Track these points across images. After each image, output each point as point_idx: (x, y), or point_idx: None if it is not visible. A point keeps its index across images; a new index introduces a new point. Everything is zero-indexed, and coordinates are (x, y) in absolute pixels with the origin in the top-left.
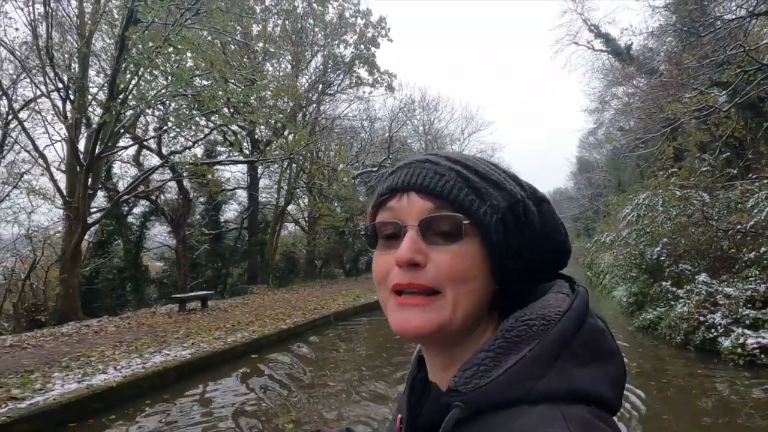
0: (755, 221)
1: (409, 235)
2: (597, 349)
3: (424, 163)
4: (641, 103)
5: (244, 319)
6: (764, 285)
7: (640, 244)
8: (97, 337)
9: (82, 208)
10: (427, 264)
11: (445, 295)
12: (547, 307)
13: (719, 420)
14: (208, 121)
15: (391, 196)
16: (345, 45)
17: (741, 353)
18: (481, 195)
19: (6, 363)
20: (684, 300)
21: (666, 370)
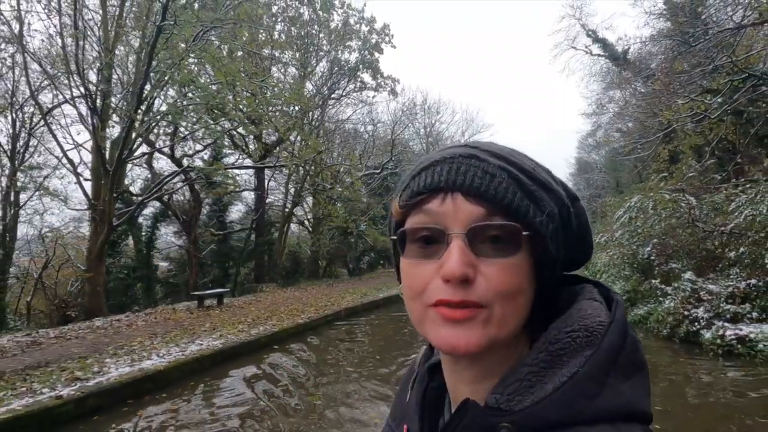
0: (735, 223)
1: (458, 245)
2: (636, 361)
3: (469, 159)
4: (637, 107)
5: (262, 315)
6: (744, 282)
7: (633, 244)
8: (131, 330)
9: (108, 211)
10: (476, 278)
11: (492, 309)
12: (587, 317)
13: (702, 401)
14: (217, 125)
15: (430, 197)
16: (349, 51)
17: (720, 344)
18: (536, 201)
19: (59, 351)
20: (671, 296)
21: (653, 359)
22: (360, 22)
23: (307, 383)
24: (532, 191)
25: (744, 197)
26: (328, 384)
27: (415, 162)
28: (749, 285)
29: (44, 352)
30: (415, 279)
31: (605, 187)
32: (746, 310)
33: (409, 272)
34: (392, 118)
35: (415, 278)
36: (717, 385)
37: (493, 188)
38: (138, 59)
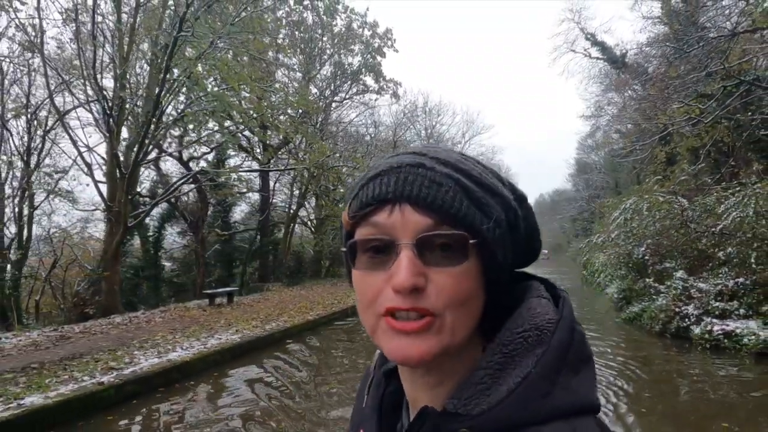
0: (724, 225)
1: (407, 255)
2: (583, 355)
3: (416, 168)
4: (634, 110)
5: (273, 312)
6: (733, 281)
7: (628, 244)
8: (150, 325)
9: (124, 212)
10: (427, 286)
11: (444, 317)
12: (536, 315)
13: (690, 390)
14: (226, 129)
15: (378, 208)
16: (352, 54)
17: (708, 338)
18: (483, 208)
19: (88, 344)
20: (664, 294)
21: (646, 353)
22: (363, 26)
23: (320, 372)
24: (479, 198)
25: (732, 200)
26: (342, 372)
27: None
28: (737, 283)
29: (74, 345)
30: (366, 290)
31: (604, 188)
32: (734, 307)
33: (360, 283)
34: (394, 120)
35: (366, 289)
36: (705, 377)
37: (440, 198)
38: (151, 64)
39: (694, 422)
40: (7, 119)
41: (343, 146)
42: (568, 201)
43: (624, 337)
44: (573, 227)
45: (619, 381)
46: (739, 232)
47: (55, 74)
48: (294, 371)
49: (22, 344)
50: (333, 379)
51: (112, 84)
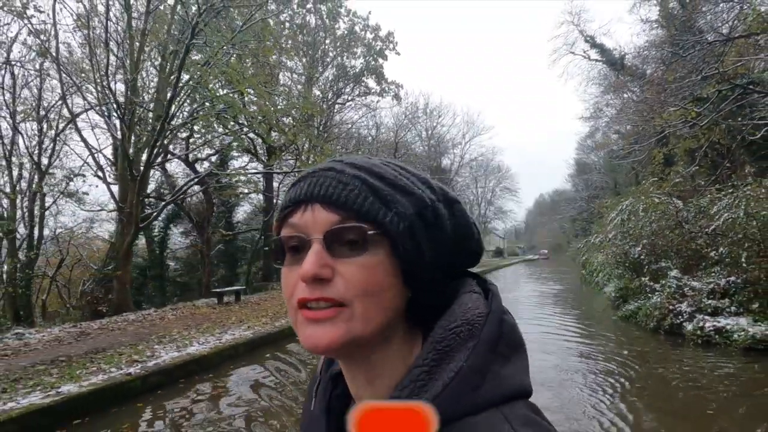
0: (716, 225)
1: (314, 248)
2: (514, 343)
3: (327, 172)
4: (632, 113)
5: (280, 310)
6: (725, 280)
7: (626, 244)
8: (164, 322)
9: (135, 213)
10: (335, 277)
11: (353, 306)
12: (468, 311)
13: (682, 384)
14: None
15: (294, 209)
16: (354, 57)
17: (700, 335)
18: (387, 203)
19: (108, 340)
20: (659, 293)
21: (641, 349)
22: (365, 29)
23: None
24: (385, 195)
25: (725, 202)
26: None
27: None
28: (729, 282)
29: (95, 340)
30: (286, 284)
31: (604, 188)
32: (725, 305)
33: (283, 279)
34: (395, 122)
35: (286, 283)
36: (697, 371)
37: (345, 195)
38: (160, 68)
39: (685, 410)
40: (18, 122)
41: (344, 148)
42: (567, 201)
43: (620, 334)
44: (573, 227)
45: (615, 374)
46: (731, 233)
47: (66, 78)
48: (312, 362)
49: (46, 339)
50: None
51: (122, 87)
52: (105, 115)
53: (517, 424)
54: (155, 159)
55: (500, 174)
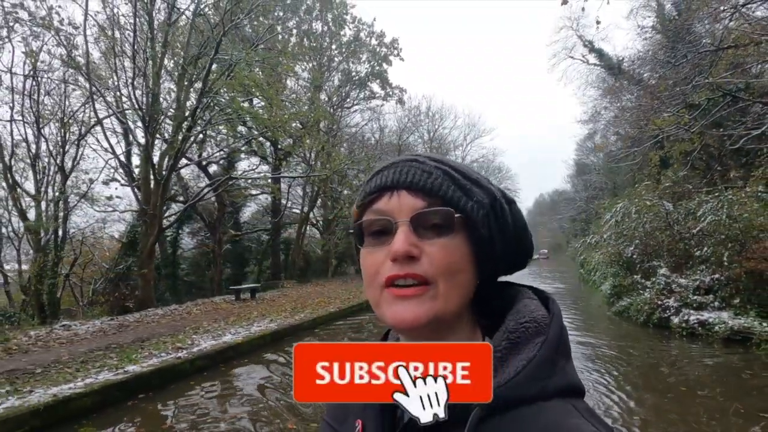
0: (701, 227)
1: (403, 229)
2: (568, 348)
3: (411, 162)
4: (629, 117)
5: (297, 306)
6: (709, 277)
7: (620, 244)
8: (192, 317)
9: (159, 215)
10: (421, 256)
11: (437, 285)
12: (533, 311)
13: (669, 370)
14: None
15: (380, 195)
16: (360, 62)
17: (685, 327)
18: (467, 192)
19: (148, 330)
20: (649, 289)
21: (632, 340)
22: (370, 36)
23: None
24: (464, 185)
25: (709, 205)
26: None
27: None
28: (713, 279)
29: (136, 331)
30: (369, 264)
31: (602, 189)
32: (709, 300)
33: (365, 260)
34: (399, 125)
35: (369, 264)
36: (681, 359)
37: (430, 183)
38: (180, 78)
39: (671, 392)
40: (42, 126)
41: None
42: (567, 201)
43: (613, 328)
44: (572, 227)
45: (610, 363)
46: (715, 234)
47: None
48: None
49: (91, 330)
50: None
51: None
52: (127, 122)
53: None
54: (176, 163)
55: (501, 174)
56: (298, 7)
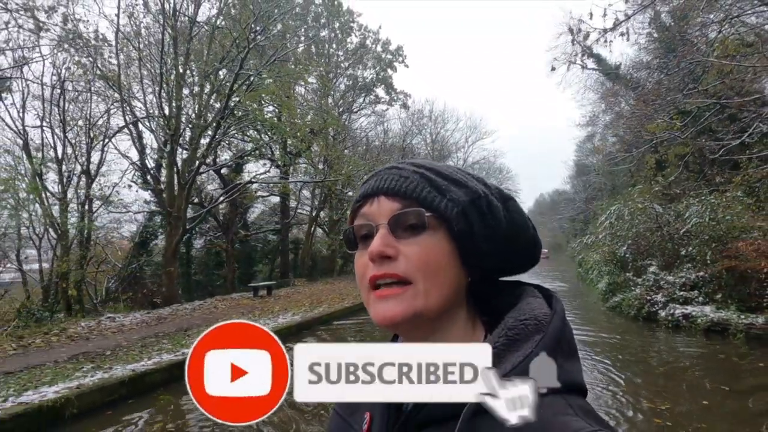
0: (686, 228)
1: (380, 232)
2: (572, 345)
3: (390, 170)
4: (624, 122)
5: (314, 301)
6: (694, 274)
7: (614, 245)
8: (219, 311)
9: (183, 217)
10: (399, 257)
11: (416, 284)
12: (535, 308)
13: (657, 358)
14: (250, 139)
15: (364, 202)
16: (365, 68)
17: (671, 320)
18: (442, 191)
19: (185, 322)
20: (640, 286)
21: (623, 332)
22: (376, 43)
23: (369, 336)
24: (439, 185)
25: (694, 209)
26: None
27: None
28: (698, 276)
29: (174, 323)
30: (359, 266)
31: (602, 190)
32: (694, 296)
33: (356, 263)
34: (403, 129)
35: (359, 265)
36: (667, 348)
37: (405, 186)
38: (201, 89)
39: (656, 375)
40: (67, 131)
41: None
42: (567, 202)
43: (607, 321)
44: (572, 227)
45: (604, 351)
46: (700, 234)
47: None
48: (350, 339)
49: (134, 322)
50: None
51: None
52: (152, 129)
53: (579, 411)
54: (198, 169)
55: (502, 176)
56: (306, 15)
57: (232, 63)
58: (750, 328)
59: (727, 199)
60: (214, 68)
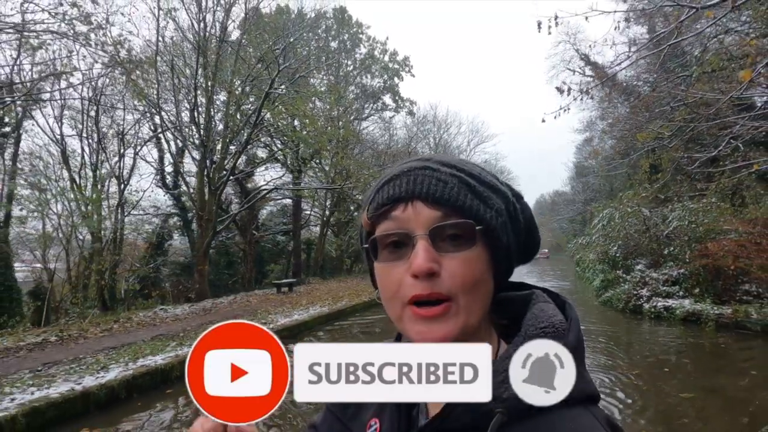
0: (668, 230)
1: (423, 245)
2: (584, 354)
3: (424, 171)
4: (618, 129)
5: (334, 296)
6: (676, 271)
7: (606, 245)
8: (252, 304)
9: (214, 219)
10: (441, 272)
11: (458, 301)
12: (552, 316)
13: (641, 343)
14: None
15: (394, 206)
16: (373, 77)
17: (653, 311)
18: (485, 200)
19: (229, 312)
20: (628, 282)
21: (612, 322)
22: (383, 53)
23: (389, 326)
24: (481, 192)
25: (676, 213)
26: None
27: (379, 178)
28: (679, 273)
29: (219, 314)
30: (389, 281)
31: (600, 191)
32: (675, 290)
33: (383, 275)
34: (408, 134)
35: (389, 280)
36: (650, 335)
37: (447, 193)
38: (228, 104)
39: (640, 359)
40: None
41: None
42: (566, 203)
43: (599, 314)
44: (572, 228)
45: (597, 339)
46: (681, 236)
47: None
48: (376, 327)
49: (185, 313)
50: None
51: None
52: (184, 141)
53: (605, 423)
54: (229, 177)
55: (503, 177)
56: (318, 27)
57: (258, 80)
58: (720, 317)
59: (704, 205)
60: (242, 84)
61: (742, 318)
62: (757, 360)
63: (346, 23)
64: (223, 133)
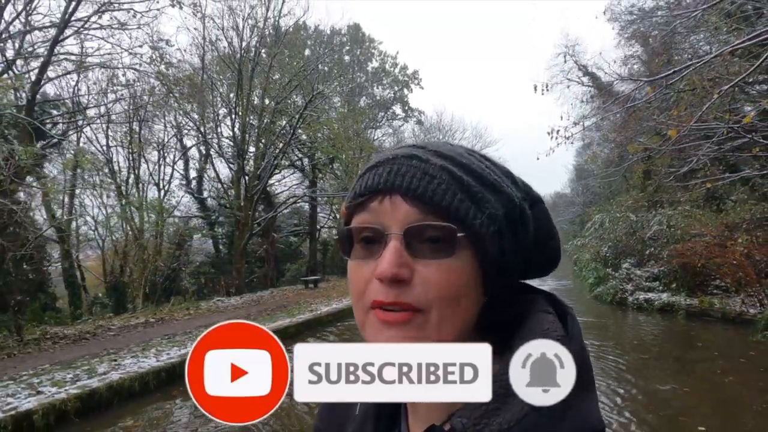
0: (650, 234)
1: (393, 245)
2: (589, 376)
3: (410, 160)
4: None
5: None
6: (657, 269)
7: (598, 246)
8: (291, 297)
9: (249, 223)
10: (413, 279)
11: (428, 313)
12: (548, 331)
13: (627, 331)
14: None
15: (371, 197)
16: (383, 88)
17: (635, 304)
18: (478, 202)
19: (275, 303)
20: (616, 279)
21: (599, 313)
22: (394, 66)
23: None
24: (475, 192)
25: (656, 218)
26: None
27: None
28: (660, 270)
29: (267, 304)
30: (357, 280)
31: (599, 194)
32: (656, 285)
33: (352, 273)
34: (415, 142)
35: (357, 279)
36: (633, 324)
37: (431, 189)
38: (260, 120)
39: (624, 343)
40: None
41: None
42: (566, 205)
43: (590, 306)
44: (571, 229)
45: (589, 329)
46: (660, 238)
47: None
48: None
49: (239, 303)
50: None
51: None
52: (223, 155)
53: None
54: (265, 184)
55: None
56: (332, 42)
57: (286, 100)
58: (689, 307)
59: (680, 211)
60: (273, 103)
61: (707, 308)
62: (715, 341)
63: (361, 39)
64: (257, 145)
